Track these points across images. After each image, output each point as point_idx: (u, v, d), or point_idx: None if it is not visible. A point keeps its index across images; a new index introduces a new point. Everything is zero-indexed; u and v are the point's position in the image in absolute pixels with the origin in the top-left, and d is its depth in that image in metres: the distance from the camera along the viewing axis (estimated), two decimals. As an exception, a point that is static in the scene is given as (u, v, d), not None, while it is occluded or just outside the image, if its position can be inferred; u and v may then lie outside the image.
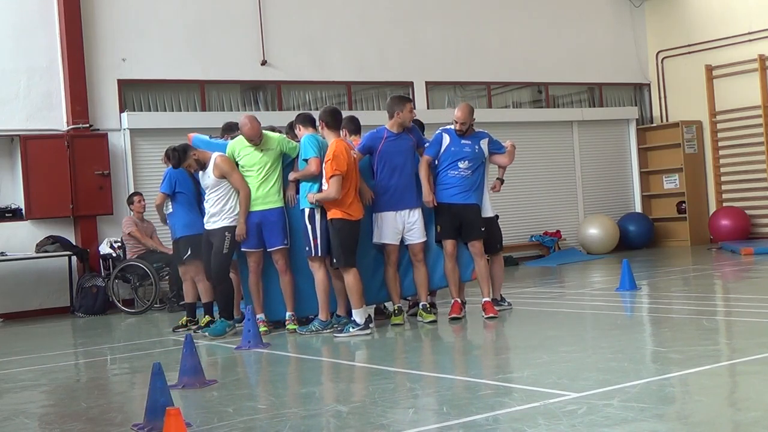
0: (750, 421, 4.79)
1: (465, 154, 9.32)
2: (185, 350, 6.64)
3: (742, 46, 17.12)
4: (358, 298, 8.76)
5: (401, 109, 9.18)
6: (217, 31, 14.65)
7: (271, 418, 5.64)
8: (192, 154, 9.23)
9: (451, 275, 9.37)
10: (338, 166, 8.54)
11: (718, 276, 12.85)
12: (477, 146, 9.41)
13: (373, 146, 9.17)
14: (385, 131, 9.21)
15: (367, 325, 8.76)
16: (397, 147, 9.18)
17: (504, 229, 16.60)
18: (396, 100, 9.33)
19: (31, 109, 13.30)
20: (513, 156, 9.81)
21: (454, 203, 9.29)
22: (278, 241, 9.14)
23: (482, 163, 9.49)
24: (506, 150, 9.72)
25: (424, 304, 9.32)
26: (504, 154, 9.70)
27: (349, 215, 8.70)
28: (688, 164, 17.86)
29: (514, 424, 4.97)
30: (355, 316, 8.78)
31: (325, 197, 8.66)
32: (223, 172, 9.11)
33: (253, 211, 9.10)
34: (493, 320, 9.18)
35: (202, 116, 14.24)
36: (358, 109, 15.71)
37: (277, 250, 9.16)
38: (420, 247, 9.25)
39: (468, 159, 9.32)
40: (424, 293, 9.36)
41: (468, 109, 9.40)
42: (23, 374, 8.09)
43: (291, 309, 9.26)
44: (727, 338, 7.68)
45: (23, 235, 13.10)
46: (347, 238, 8.71)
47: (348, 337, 8.63)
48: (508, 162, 9.77)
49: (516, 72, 17.40)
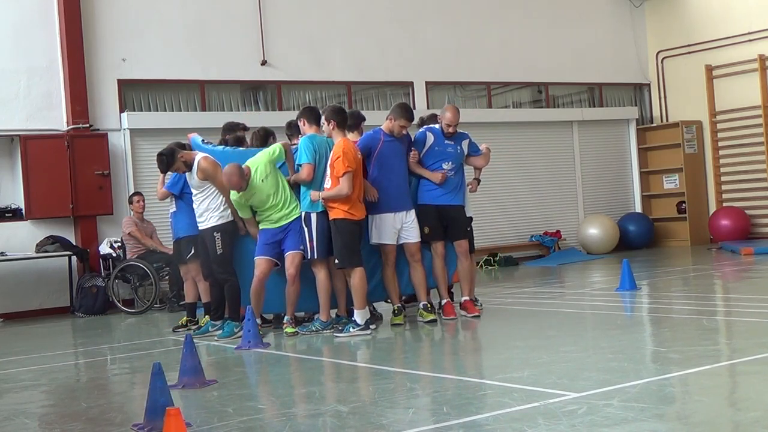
0: (750, 421, 4.79)
1: (448, 154, 9.38)
2: (185, 350, 6.64)
3: (742, 46, 17.11)
4: (361, 299, 8.74)
5: (394, 117, 9.15)
6: (217, 31, 14.66)
7: (271, 418, 5.64)
8: (179, 157, 9.19)
9: (441, 276, 9.41)
10: (349, 164, 8.54)
11: (718, 276, 12.85)
12: (459, 147, 9.49)
13: (372, 147, 9.15)
14: (381, 133, 9.21)
15: (367, 326, 8.76)
16: (393, 149, 9.18)
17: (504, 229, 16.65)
18: (397, 108, 9.26)
19: (31, 109, 13.30)
20: (488, 158, 9.92)
21: (440, 204, 9.34)
22: (294, 245, 8.97)
23: (462, 163, 9.57)
24: (482, 152, 9.78)
25: (424, 304, 9.31)
26: (480, 156, 9.80)
27: (351, 215, 8.69)
28: (688, 164, 17.87)
29: (514, 424, 4.97)
30: (356, 317, 8.77)
31: (337, 194, 8.60)
32: (207, 175, 9.05)
33: (277, 227, 9.00)
34: (478, 319, 9.24)
35: (202, 116, 14.24)
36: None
37: (290, 255, 8.98)
38: (417, 247, 9.24)
39: (451, 160, 9.37)
40: (423, 293, 9.36)
41: (457, 111, 9.47)
42: (23, 374, 8.10)
43: (290, 314, 9.22)
44: (727, 338, 7.68)
45: (23, 235, 13.11)
46: (351, 238, 8.70)
47: (348, 337, 8.63)
48: (484, 164, 9.87)
49: (516, 72, 17.39)
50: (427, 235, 9.33)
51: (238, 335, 8.90)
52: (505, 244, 16.82)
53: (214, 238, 9.08)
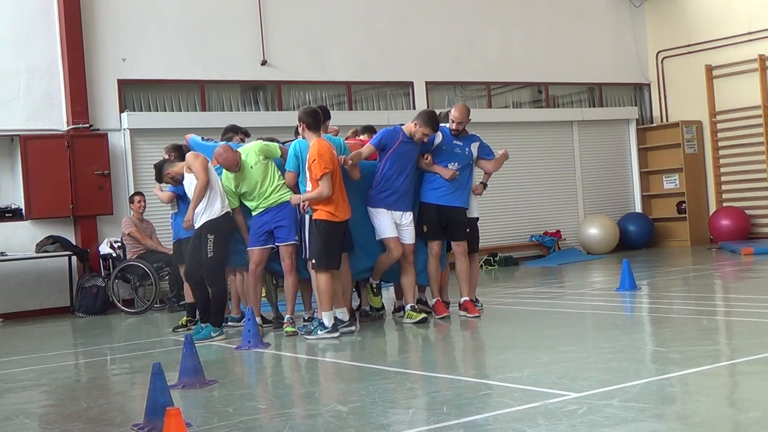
0: (750, 421, 4.79)
1: (455, 155, 9.38)
2: (185, 350, 6.64)
3: (742, 46, 17.11)
4: (327, 301, 8.62)
5: (419, 124, 9.09)
6: (217, 31, 14.65)
7: (271, 418, 5.64)
8: (167, 173, 9.44)
9: (434, 275, 9.41)
10: (326, 165, 8.46)
11: (718, 276, 12.85)
12: (467, 148, 9.48)
13: (389, 144, 9.14)
14: (401, 133, 9.19)
15: (335, 329, 8.65)
16: (408, 152, 9.19)
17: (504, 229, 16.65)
18: (425, 115, 9.19)
19: (31, 109, 13.30)
20: (500, 165, 9.90)
21: (441, 205, 9.34)
22: (288, 236, 9.07)
23: (469, 164, 9.56)
24: (495, 157, 9.75)
25: (412, 306, 9.32)
26: (491, 160, 9.76)
27: (334, 216, 8.59)
28: (688, 164, 17.86)
29: (514, 424, 4.97)
30: (323, 319, 8.68)
31: (317, 196, 8.53)
32: (188, 164, 9.06)
33: (265, 210, 9.08)
34: (478, 319, 9.24)
35: (202, 116, 14.24)
36: (358, 109, 15.73)
37: (285, 246, 9.08)
38: (410, 249, 9.26)
39: (457, 160, 9.37)
40: (411, 295, 9.36)
41: (466, 110, 9.47)
42: (23, 374, 8.10)
43: (291, 312, 9.22)
44: (727, 338, 7.68)
45: (23, 235, 13.10)
46: (329, 239, 8.58)
47: (316, 339, 8.59)
48: (494, 169, 9.85)
49: (516, 72, 17.40)
50: (425, 233, 9.34)
51: (213, 341, 8.99)
52: (505, 244, 16.82)
53: (207, 240, 8.97)
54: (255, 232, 9.18)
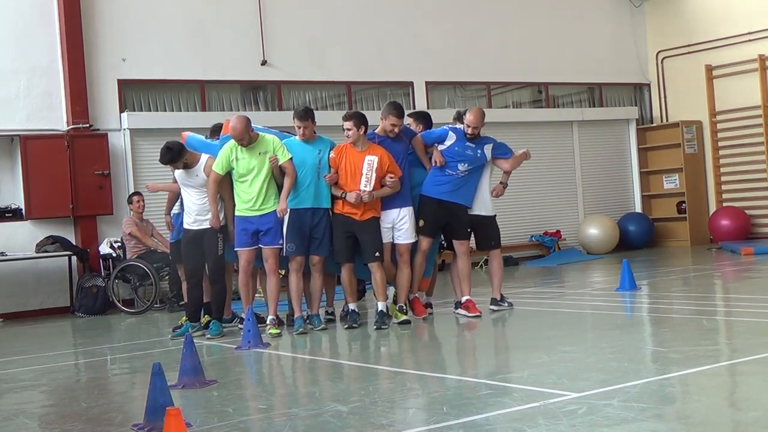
0: (750, 421, 4.79)
1: (467, 156, 9.36)
2: (185, 350, 6.64)
3: (742, 46, 17.11)
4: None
5: (383, 116, 9.21)
6: (217, 31, 14.65)
7: (271, 418, 5.64)
8: (184, 159, 9.17)
9: (418, 271, 9.43)
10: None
11: (718, 276, 12.85)
12: (480, 151, 9.45)
13: None
14: (376, 137, 9.24)
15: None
16: (393, 149, 9.19)
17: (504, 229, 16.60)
18: (386, 106, 9.34)
19: (31, 109, 13.30)
20: (517, 163, 9.86)
21: (444, 200, 9.33)
22: (273, 240, 9.09)
23: (481, 166, 9.53)
24: (512, 155, 9.72)
25: (401, 306, 9.32)
26: (508, 159, 9.73)
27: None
28: (688, 164, 17.86)
29: (514, 424, 4.97)
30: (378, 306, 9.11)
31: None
32: (207, 166, 9.12)
33: (250, 216, 9.07)
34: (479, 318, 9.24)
35: (202, 116, 14.21)
36: (357, 109, 15.69)
37: (269, 249, 9.10)
38: (406, 248, 9.25)
39: (468, 162, 9.36)
40: (403, 295, 9.37)
41: (481, 115, 9.44)
42: (23, 374, 8.10)
43: (273, 313, 9.26)
44: (727, 338, 7.69)
45: (23, 235, 13.10)
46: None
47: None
48: (510, 167, 9.80)
49: (516, 72, 17.39)
50: (420, 228, 9.33)
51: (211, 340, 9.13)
52: (505, 244, 16.60)
53: (218, 239, 9.13)
54: (239, 234, 9.14)
